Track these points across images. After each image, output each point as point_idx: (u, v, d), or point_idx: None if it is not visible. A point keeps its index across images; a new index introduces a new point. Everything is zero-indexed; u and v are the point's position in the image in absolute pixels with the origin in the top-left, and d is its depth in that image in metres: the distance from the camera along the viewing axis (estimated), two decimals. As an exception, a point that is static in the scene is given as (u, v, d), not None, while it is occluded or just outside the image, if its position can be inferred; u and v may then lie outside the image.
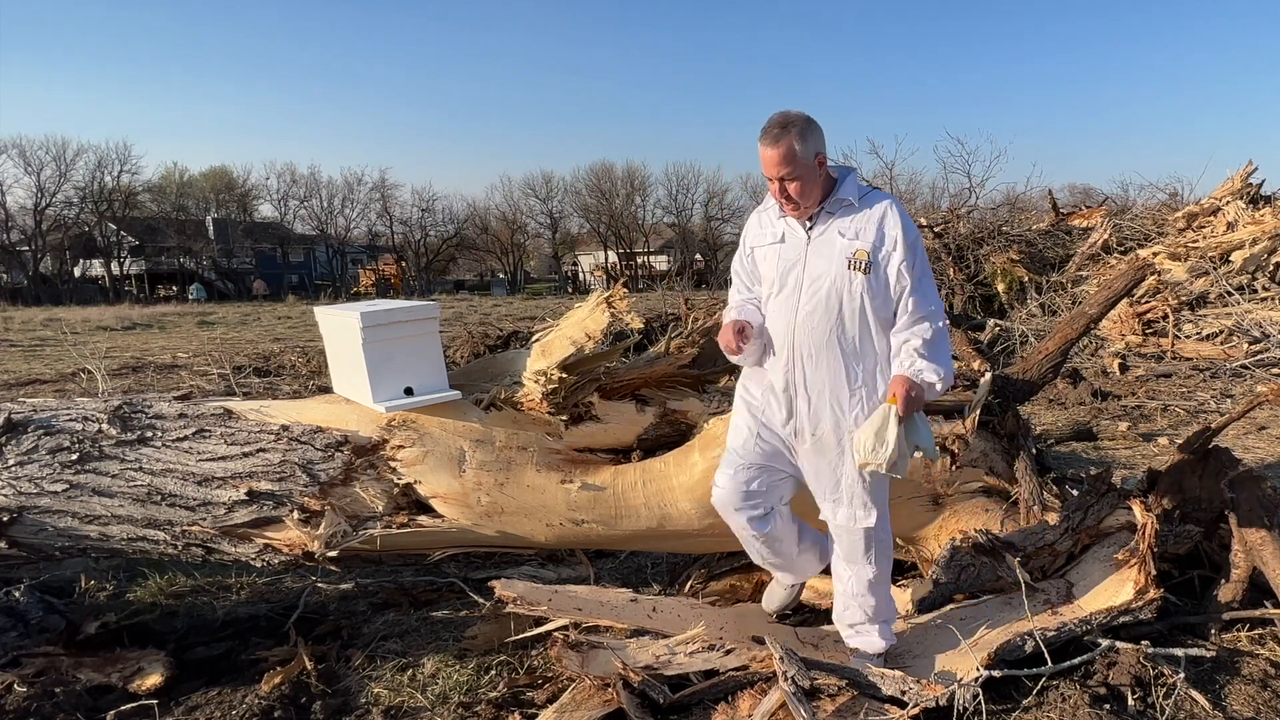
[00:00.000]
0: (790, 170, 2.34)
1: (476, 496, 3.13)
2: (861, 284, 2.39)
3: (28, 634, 3.03)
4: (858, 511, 2.54)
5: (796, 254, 2.48)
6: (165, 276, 49.74)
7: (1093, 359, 9.68)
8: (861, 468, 2.41)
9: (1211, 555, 3.17)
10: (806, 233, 2.47)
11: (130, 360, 11.57)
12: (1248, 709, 2.45)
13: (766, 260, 2.56)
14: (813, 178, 2.38)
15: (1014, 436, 3.53)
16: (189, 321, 19.84)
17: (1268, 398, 3.23)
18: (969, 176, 19.13)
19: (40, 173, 44.72)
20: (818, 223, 2.46)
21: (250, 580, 3.78)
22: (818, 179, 2.40)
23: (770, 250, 2.54)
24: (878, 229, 2.40)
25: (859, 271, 2.39)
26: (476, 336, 10.35)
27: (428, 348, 3.24)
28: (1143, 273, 4.07)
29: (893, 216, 2.41)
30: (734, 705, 2.46)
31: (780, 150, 2.33)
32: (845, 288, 2.40)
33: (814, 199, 2.42)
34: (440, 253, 58.58)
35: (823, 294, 2.42)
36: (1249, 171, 11.36)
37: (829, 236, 2.44)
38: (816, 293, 2.43)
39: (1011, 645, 2.58)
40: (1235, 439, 5.88)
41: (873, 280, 2.39)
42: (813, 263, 2.44)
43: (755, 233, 2.61)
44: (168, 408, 3.30)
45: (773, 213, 2.55)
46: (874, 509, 2.54)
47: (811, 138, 2.36)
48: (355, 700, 2.76)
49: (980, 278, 12.02)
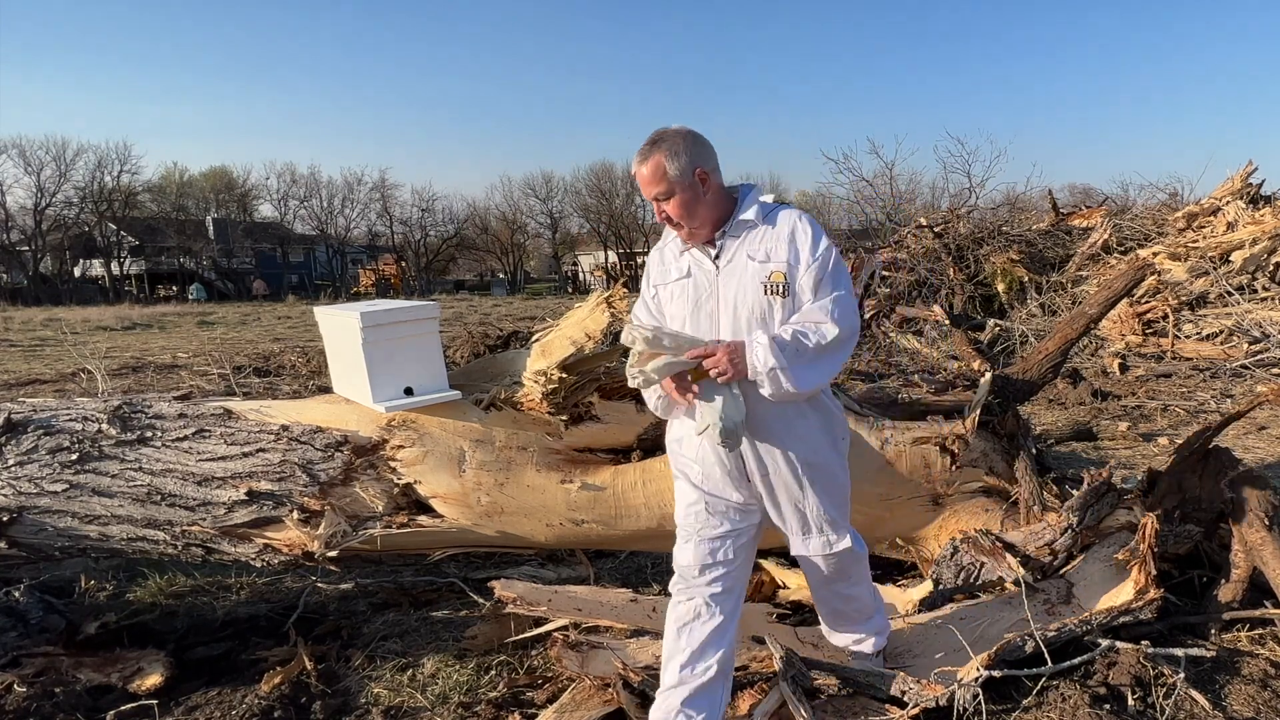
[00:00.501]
0: (663, 189, 2.17)
1: (476, 496, 3.13)
2: (781, 309, 2.20)
3: (28, 634, 3.03)
4: (829, 537, 2.39)
5: (707, 287, 2.26)
6: (165, 276, 49.75)
7: (1093, 359, 9.68)
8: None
9: (1211, 555, 3.16)
10: (714, 263, 2.25)
11: (130, 360, 11.57)
12: (1248, 709, 2.45)
13: (674, 298, 2.33)
14: (693, 195, 2.19)
15: (1014, 436, 3.53)
16: (189, 321, 19.85)
17: (1268, 397, 3.23)
18: (969, 176, 19.08)
19: (40, 173, 44.78)
20: (723, 250, 2.25)
21: (250, 580, 3.78)
22: (701, 197, 2.21)
23: (677, 287, 2.31)
24: (789, 246, 2.20)
25: (777, 295, 2.19)
26: (476, 336, 10.35)
27: (428, 348, 3.24)
28: (1143, 273, 4.07)
29: (803, 231, 2.21)
30: (734, 705, 2.46)
31: (648, 168, 2.18)
32: (766, 314, 2.20)
33: (703, 219, 2.23)
34: (440, 253, 58.59)
35: (743, 324, 2.21)
36: (1249, 171, 11.35)
37: (738, 262, 2.23)
38: (736, 324, 2.22)
39: (1011, 645, 2.58)
40: (1235, 439, 5.88)
41: (792, 303, 2.20)
42: (725, 293, 2.23)
43: (658, 270, 2.39)
44: (168, 408, 3.30)
45: (674, 246, 2.34)
46: (843, 529, 2.41)
47: (688, 152, 2.18)
48: (355, 700, 2.76)
49: (980, 278, 12.02)
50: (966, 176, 19.19)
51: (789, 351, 2.11)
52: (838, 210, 27.79)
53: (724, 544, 2.32)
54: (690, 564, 2.31)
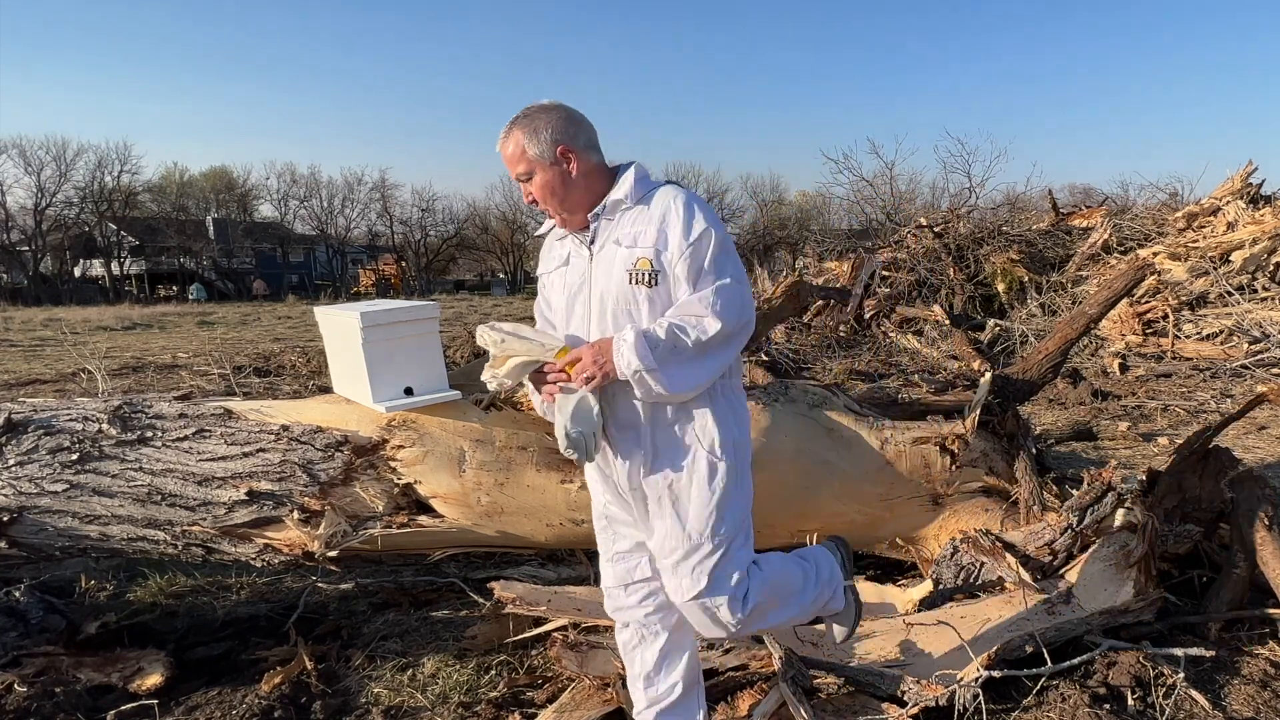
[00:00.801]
0: (524, 169, 1.98)
1: (476, 496, 3.13)
2: (646, 300, 1.94)
3: (28, 634, 3.03)
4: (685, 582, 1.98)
5: (581, 276, 2.04)
6: (165, 276, 49.78)
7: (1093, 359, 9.68)
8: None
9: (1211, 555, 3.17)
10: (589, 249, 2.03)
11: (130, 360, 11.57)
12: (1248, 709, 2.45)
13: (554, 289, 2.13)
14: (557, 176, 1.98)
15: (1014, 436, 3.53)
16: (189, 321, 19.85)
17: (1268, 397, 3.23)
18: (969, 176, 19.14)
19: (40, 173, 44.80)
20: (597, 235, 2.02)
21: (250, 580, 3.78)
22: (568, 178, 1.99)
23: (557, 276, 2.12)
24: (659, 229, 1.94)
25: (642, 285, 1.93)
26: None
27: (428, 348, 3.24)
28: (1143, 273, 4.07)
29: (676, 211, 1.93)
30: (734, 705, 2.46)
31: (509, 147, 1.99)
32: (630, 306, 1.96)
33: (574, 203, 2.01)
34: (440, 253, 58.60)
35: (609, 319, 1.98)
36: (1249, 171, 11.35)
37: (609, 249, 1.99)
38: (604, 319, 1.99)
39: (1011, 645, 2.58)
40: (1235, 439, 5.88)
41: (660, 293, 1.94)
42: (597, 283, 2.00)
43: (545, 258, 2.19)
44: (168, 408, 3.30)
45: (557, 233, 2.14)
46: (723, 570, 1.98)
47: (549, 128, 1.96)
48: (355, 700, 2.76)
49: (980, 278, 12.02)
50: (966, 176, 19.24)
51: (661, 350, 1.86)
52: (838, 210, 27.79)
53: (637, 559, 2.15)
54: (612, 584, 2.19)
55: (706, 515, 1.97)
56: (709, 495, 1.97)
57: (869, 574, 3.44)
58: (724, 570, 1.98)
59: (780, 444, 3.22)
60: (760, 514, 3.26)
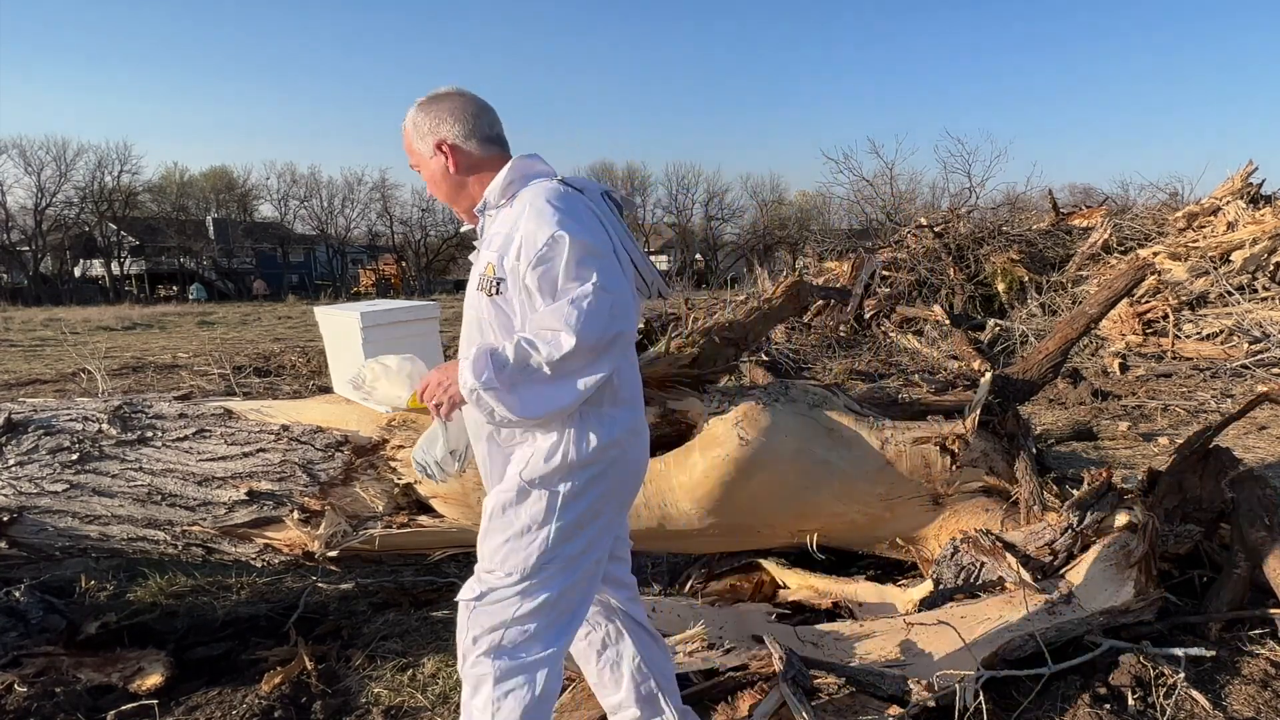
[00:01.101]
0: (412, 161, 1.89)
1: (477, 496, 3.13)
2: (491, 310, 1.77)
3: (28, 634, 3.03)
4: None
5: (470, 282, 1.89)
6: (165, 276, 49.77)
7: (1093, 359, 9.68)
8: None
9: (1211, 555, 3.17)
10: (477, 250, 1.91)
11: (130, 360, 11.57)
12: (1248, 709, 2.45)
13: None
14: (438, 170, 1.86)
15: (1014, 436, 3.53)
16: (189, 321, 19.84)
17: (1269, 397, 3.23)
18: (969, 176, 19.19)
19: (40, 173, 44.78)
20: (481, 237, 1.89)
21: (250, 580, 3.78)
22: (448, 174, 1.85)
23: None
24: (508, 233, 1.75)
25: (486, 294, 1.77)
26: (476, 336, 10.35)
27: (428, 348, 3.24)
28: (1143, 273, 4.07)
29: (533, 211, 1.71)
30: (734, 705, 2.46)
31: (403, 135, 1.89)
32: (482, 317, 1.80)
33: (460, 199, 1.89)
34: (440, 253, 58.54)
35: (471, 330, 1.86)
36: (1249, 171, 11.35)
37: (480, 253, 1.86)
38: (468, 330, 1.87)
39: (1011, 645, 2.58)
40: (1235, 439, 5.88)
41: (506, 303, 1.76)
42: (469, 291, 1.88)
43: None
44: (168, 408, 3.30)
45: None
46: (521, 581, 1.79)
47: (430, 120, 1.83)
48: (355, 700, 2.76)
49: (980, 278, 12.02)
50: (966, 176, 19.31)
51: (508, 371, 1.63)
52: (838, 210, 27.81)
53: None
54: None
55: (495, 550, 1.80)
56: (505, 527, 1.78)
57: (869, 574, 3.44)
58: (499, 627, 1.78)
59: (780, 444, 3.22)
60: (761, 514, 3.26)
